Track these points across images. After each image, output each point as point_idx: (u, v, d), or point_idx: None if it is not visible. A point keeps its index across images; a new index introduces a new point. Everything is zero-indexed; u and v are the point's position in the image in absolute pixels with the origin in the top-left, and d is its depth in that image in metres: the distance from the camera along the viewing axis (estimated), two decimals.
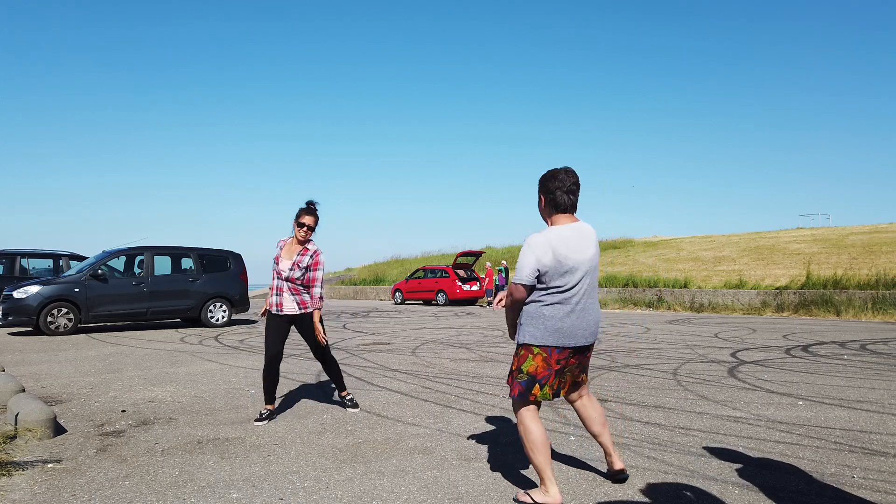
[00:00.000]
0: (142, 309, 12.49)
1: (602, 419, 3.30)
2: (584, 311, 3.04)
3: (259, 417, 4.71)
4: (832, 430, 4.39)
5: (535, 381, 3.02)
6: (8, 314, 11.55)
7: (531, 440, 3.00)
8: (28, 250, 15.52)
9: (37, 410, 4.33)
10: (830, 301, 16.20)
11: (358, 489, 3.25)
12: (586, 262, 3.03)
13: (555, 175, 3.07)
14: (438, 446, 4.03)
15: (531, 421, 3.03)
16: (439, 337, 11.18)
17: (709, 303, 18.70)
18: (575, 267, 2.99)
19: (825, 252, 22.14)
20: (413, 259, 36.01)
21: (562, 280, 2.98)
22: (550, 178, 3.07)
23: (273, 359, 4.78)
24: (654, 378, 6.60)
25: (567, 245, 2.98)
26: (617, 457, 3.30)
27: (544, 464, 2.98)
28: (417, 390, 5.96)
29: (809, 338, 10.70)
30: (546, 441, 3.02)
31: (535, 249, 2.96)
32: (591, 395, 3.35)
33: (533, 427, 3.01)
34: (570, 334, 3.00)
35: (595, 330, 3.11)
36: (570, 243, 2.99)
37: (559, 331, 2.98)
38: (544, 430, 3.05)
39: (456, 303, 23.61)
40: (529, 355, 3.03)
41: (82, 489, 3.28)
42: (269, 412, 4.77)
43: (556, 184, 3.05)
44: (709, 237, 30.67)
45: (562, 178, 3.06)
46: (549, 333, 2.99)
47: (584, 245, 3.04)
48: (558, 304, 2.99)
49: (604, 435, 3.29)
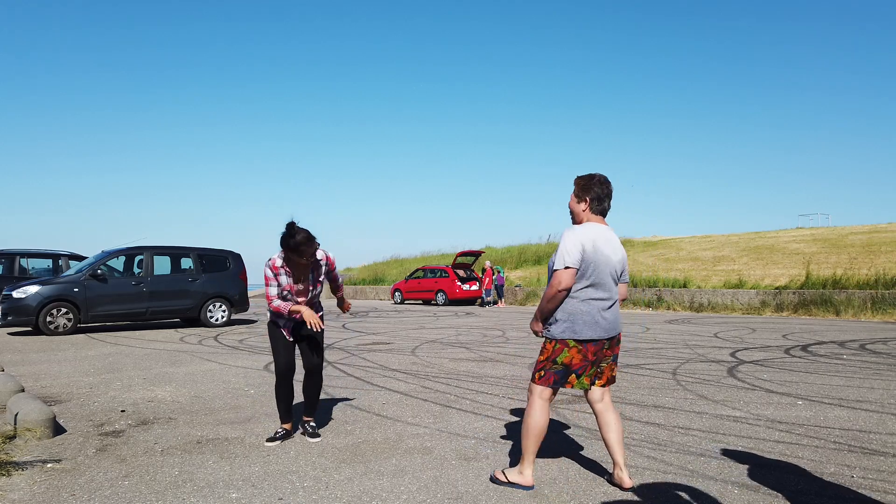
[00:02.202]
0: (141, 309, 12.48)
1: (619, 430, 3.27)
2: (616, 307, 3.24)
3: (273, 437, 4.18)
4: (831, 430, 4.40)
5: (570, 371, 3.17)
6: (7, 314, 11.55)
7: (532, 423, 3.19)
8: (27, 250, 15.51)
9: (36, 410, 4.32)
10: (830, 301, 16.20)
11: (357, 489, 3.25)
12: (619, 263, 3.23)
13: (602, 182, 3.24)
14: (438, 446, 4.04)
15: (541, 407, 3.20)
16: (439, 337, 11.18)
17: (708, 302, 18.70)
18: (609, 264, 3.16)
19: (824, 252, 22.15)
20: (412, 259, 35.98)
21: (598, 276, 3.14)
22: (598, 184, 3.23)
23: (287, 371, 4.23)
24: (653, 378, 6.60)
25: (606, 242, 3.18)
26: (626, 474, 3.22)
27: (532, 448, 3.19)
28: (417, 390, 5.96)
29: (809, 337, 10.70)
30: (543, 431, 3.20)
31: (579, 236, 3.12)
32: (613, 406, 3.36)
33: (539, 413, 3.19)
34: (606, 328, 3.17)
35: (619, 322, 3.29)
36: (608, 242, 3.19)
37: (597, 324, 3.14)
38: (547, 421, 3.23)
39: (455, 303, 23.60)
40: (565, 349, 3.15)
41: (82, 489, 3.28)
42: (286, 432, 4.23)
43: (604, 190, 3.23)
44: (708, 237, 30.67)
45: (606, 184, 3.25)
46: (588, 327, 3.12)
47: (617, 246, 3.24)
48: (596, 299, 3.14)
49: (619, 446, 3.24)
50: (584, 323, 3.11)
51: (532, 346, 9.48)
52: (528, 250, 30.49)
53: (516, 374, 6.93)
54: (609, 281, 3.18)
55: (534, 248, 30.84)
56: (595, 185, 3.21)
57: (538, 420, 3.18)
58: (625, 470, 3.22)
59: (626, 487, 3.20)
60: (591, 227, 3.17)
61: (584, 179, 3.26)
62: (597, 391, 3.32)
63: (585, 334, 3.11)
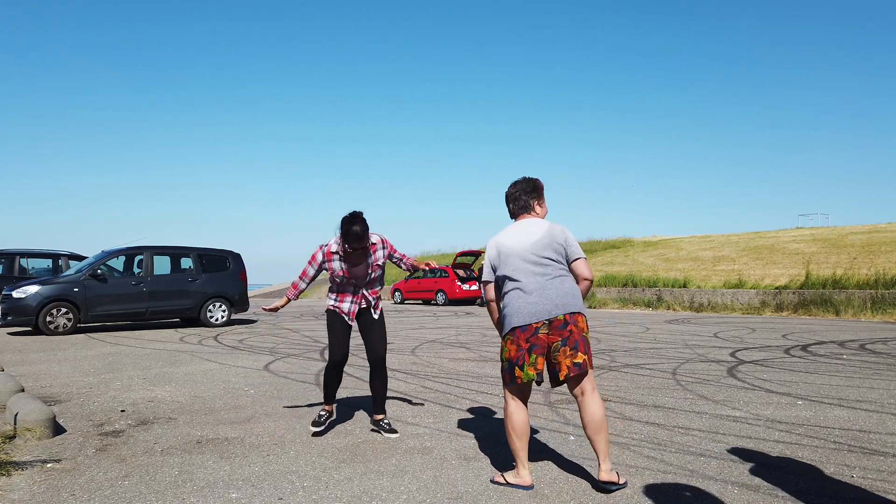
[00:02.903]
0: (141, 309, 12.48)
1: (598, 423, 3.14)
2: (545, 289, 3.19)
3: (317, 421, 4.29)
4: (831, 430, 4.40)
5: (513, 364, 3.18)
6: (7, 314, 11.54)
7: (509, 424, 3.26)
8: (27, 250, 15.50)
9: (36, 410, 4.32)
10: (830, 301, 16.20)
11: (357, 489, 3.25)
12: (532, 245, 3.26)
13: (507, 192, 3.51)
14: (438, 446, 4.04)
15: (512, 407, 3.26)
16: (439, 336, 11.18)
17: (708, 302, 18.70)
18: (515, 252, 3.26)
19: (824, 252, 22.15)
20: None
21: (508, 268, 3.27)
22: (506, 196, 3.52)
23: (340, 361, 4.34)
24: (653, 378, 6.60)
25: (513, 235, 3.33)
26: (605, 467, 3.13)
27: (518, 448, 3.23)
28: (417, 390, 5.96)
29: (809, 337, 10.70)
30: (524, 428, 3.24)
31: (488, 250, 3.39)
32: (595, 397, 3.20)
33: (512, 412, 3.25)
34: (531, 311, 3.16)
35: (562, 303, 3.17)
36: (515, 233, 3.33)
37: (519, 311, 3.18)
38: (524, 417, 3.25)
39: (455, 302, 23.60)
40: (505, 345, 3.27)
41: (81, 489, 3.28)
42: (329, 413, 4.38)
43: (508, 197, 3.50)
44: (708, 237, 30.66)
45: (510, 190, 3.50)
46: (512, 316, 3.20)
47: (531, 230, 3.31)
48: (514, 289, 3.24)
49: (597, 440, 3.15)
50: (509, 314, 3.22)
51: None
52: None
53: None
54: (521, 265, 3.23)
55: None
56: (506, 199, 3.50)
57: (511, 419, 3.25)
58: (604, 464, 3.11)
59: (602, 479, 3.10)
60: (502, 232, 3.39)
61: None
62: (572, 384, 3.20)
63: (512, 323, 3.20)
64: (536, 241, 3.26)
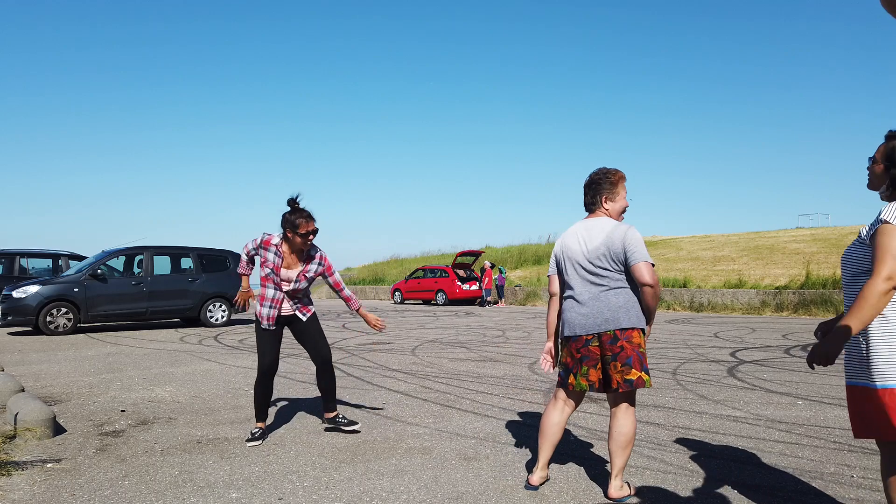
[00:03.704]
0: (141, 309, 12.49)
1: (624, 441, 3.06)
2: (596, 301, 3.07)
3: (251, 437, 4.14)
4: (831, 430, 4.39)
5: (569, 371, 3.17)
6: (7, 314, 11.55)
7: (542, 421, 3.28)
8: (27, 250, 15.51)
9: (36, 410, 4.32)
10: (830, 300, 16.20)
11: (357, 489, 3.25)
12: (590, 252, 3.12)
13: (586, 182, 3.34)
14: (438, 446, 4.04)
15: (549, 406, 3.28)
16: (439, 336, 11.18)
17: (708, 302, 18.70)
18: (573, 258, 3.17)
19: (824, 251, 22.14)
20: (412, 259, 36.00)
21: (567, 274, 3.21)
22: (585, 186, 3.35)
23: (269, 368, 4.18)
24: (653, 378, 6.60)
25: (574, 234, 3.23)
26: (616, 483, 3.07)
27: (539, 447, 3.27)
28: (417, 390, 5.96)
29: (809, 337, 10.70)
30: (552, 429, 3.22)
31: (557, 244, 3.31)
32: (630, 414, 3.10)
33: (548, 412, 3.27)
34: (581, 324, 3.10)
35: (613, 318, 3.03)
36: (576, 233, 3.23)
37: (571, 322, 3.14)
38: (557, 420, 3.23)
39: (455, 302, 23.61)
40: (561, 349, 3.27)
41: (82, 489, 3.28)
42: (261, 430, 4.20)
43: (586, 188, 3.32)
44: (708, 237, 30.66)
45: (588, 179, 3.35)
46: (566, 325, 3.16)
47: (593, 234, 3.16)
48: (567, 297, 3.20)
49: (618, 456, 3.07)
50: (563, 322, 3.21)
51: (531, 346, 9.49)
52: (528, 250, 30.50)
53: (516, 374, 6.92)
54: (575, 275, 3.14)
55: (533, 247, 30.85)
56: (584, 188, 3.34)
57: (544, 417, 3.27)
58: (614, 480, 3.07)
59: (609, 496, 3.05)
60: (570, 229, 3.28)
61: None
62: (610, 396, 3.16)
63: (564, 332, 3.19)
64: (594, 249, 3.10)
